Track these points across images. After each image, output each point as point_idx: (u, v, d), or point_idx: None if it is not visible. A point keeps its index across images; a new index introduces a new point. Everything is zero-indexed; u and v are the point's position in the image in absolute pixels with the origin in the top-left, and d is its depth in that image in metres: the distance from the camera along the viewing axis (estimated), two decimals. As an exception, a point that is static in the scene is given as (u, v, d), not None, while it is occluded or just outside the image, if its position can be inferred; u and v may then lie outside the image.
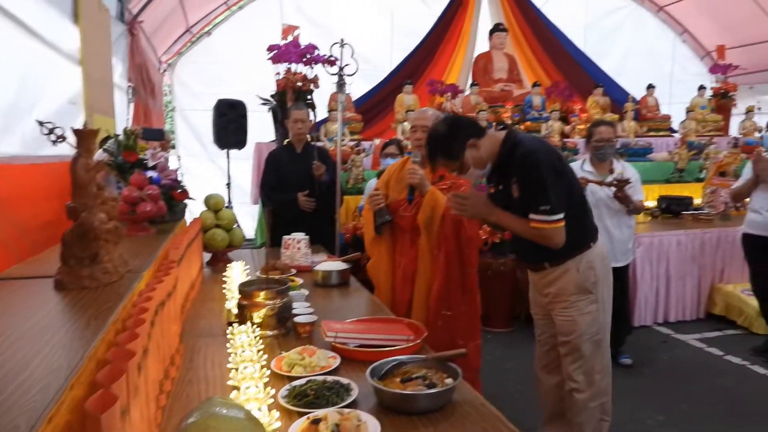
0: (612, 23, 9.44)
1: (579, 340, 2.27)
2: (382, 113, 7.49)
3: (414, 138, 2.75)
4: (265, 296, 1.96)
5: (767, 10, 8.91)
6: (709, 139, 6.64)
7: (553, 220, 2.09)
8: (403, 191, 2.73)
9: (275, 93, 5.41)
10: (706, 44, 9.87)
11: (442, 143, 2.19)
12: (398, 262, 2.79)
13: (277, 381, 1.59)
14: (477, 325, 2.79)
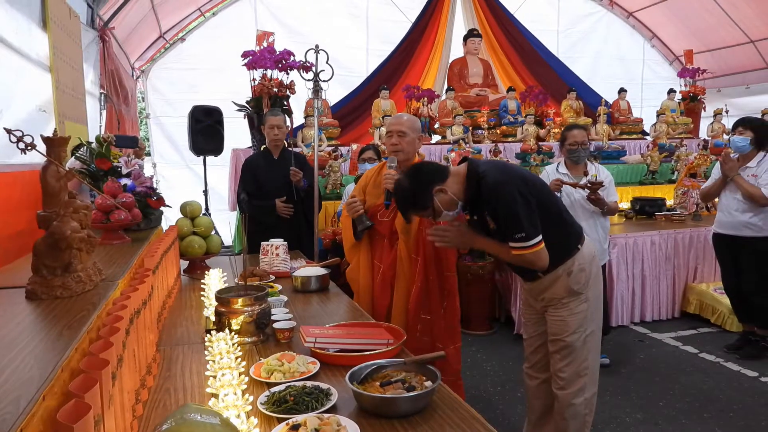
0: (584, 29, 9.62)
1: (569, 338, 2.31)
2: (360, 118, 7.50)
3: (389, 143, 2.75)
4: (243, 303, 1.95)
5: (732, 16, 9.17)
6: (680, 141, 6.79)
7: (531, 245, 2.12)
8: (380, 196, 2.74)
9: (251, 99, 5.38)
10: (674, 49, 10.11)
11: (409, 197, 2.20)
12: (377, 267, 2.79)
13: (256, 388, 1.58)
14: (457, 328, 2.81)
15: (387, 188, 2.65)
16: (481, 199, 2.18)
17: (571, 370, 2.32)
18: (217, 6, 7.68)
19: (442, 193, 2.16)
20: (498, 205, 2.13)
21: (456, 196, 2.18)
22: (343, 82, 7.34)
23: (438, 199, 2.16)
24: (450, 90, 7.24)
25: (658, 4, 9.65)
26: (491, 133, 7.00)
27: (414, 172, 2.23)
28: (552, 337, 2.36)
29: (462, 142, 5.82)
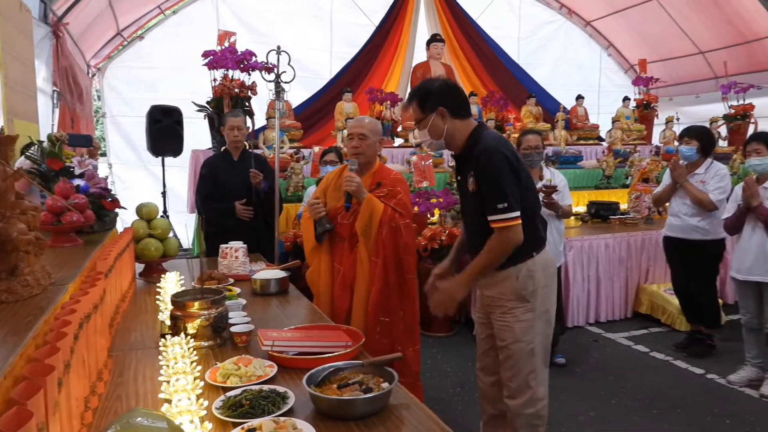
0: (544, 36, 9.84)
1: (514, 347, 2.26)
2: (322, 121, 7.48)
3: (350, 146, 2.76)
4: (200, 306, 1.92)
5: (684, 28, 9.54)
6: (634, 147, 7.01)
7: (511, 217, 2.11)
8: (341, 199, 2.74)
9: (212, 99, 5.30)
10: (629, 58, 10.45)
11: (423, 91, 2.27)
12: (337, 269, 2.79)
13: (211, 392, 1.56)
14: (416, 330, 2.83)
15: (347, 191, 2.67)
16: (471, 160, 2.19)
17: (518, 380, 2.28)
18: (177, 4, 7.53)
19: (440, 118, 2.21)
20: (487, 169, 2.13)
21: (449, 136, 2.23)
22: (306, 84, 7.31)
23: (434, 119, 2.21)
24: (413, 94, 7.28)
25: (614, 14, 9.96)
26: (453, 137, 7.08)
27: (447, 85, 2.28)
28: (499, 343, 2.32)
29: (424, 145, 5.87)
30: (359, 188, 2.66)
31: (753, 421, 3.18)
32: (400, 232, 2.68)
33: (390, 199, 2.72)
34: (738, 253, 3.57)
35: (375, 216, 2.65)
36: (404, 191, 2.79)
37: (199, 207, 4.11)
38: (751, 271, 3.44)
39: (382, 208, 2.67)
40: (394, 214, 2.69)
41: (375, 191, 2.73)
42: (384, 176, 2.80)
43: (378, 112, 6.84)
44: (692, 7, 9.21)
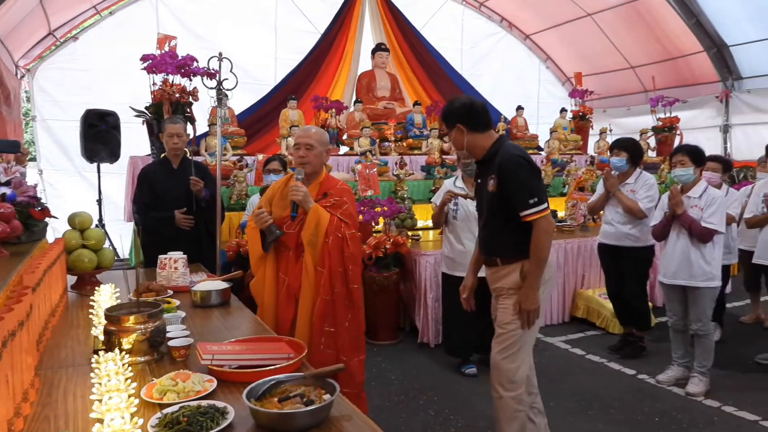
0: (485, 48, 10.12)
1: (507, 326, 2.55)
2: (267, 128, 7.40)
3: (297, 155, 2.75)
4: (135, 320, 1.86)
5: (616, 44, 10.03)
6: (570, 157, 7.30)
7: (542, 209, 2.40)
8: (287, 208, 2.73)
9: (151, 105, 5.15)
10: (566, 71, 10.89)
11: (445, 110, 2.62)
12: (282, 279, 2.77)
13: (147, 410, 1.51)
14: (361, 341, 2.83)
15: (293, 200, 2.66)
16: (493, 164, 2.48)
17: (503, 360, 2.55)
18: (114, 5, 7.29)
19: (459, 133, 2.55)
20: (512, 172, 2.42)
21: (470, 147, 2.56)
22: (251, 91, 7.23)
23: (454, 133, 2.57)
24: (358, 102, 7.33)
25: (551, 28, 10.37)
26: (398, 145, 7.16)
27: (464, 105, 2.57)
28: (496, 324, 2.63)
29: (369, 154, 5.91)
30: (306, 197, 2.65)
31: (680, 418, 3.36)
32: (346, 242, 2.69)
33: (336, 209, 2.72)
34: (664, 259, 3.77)
35: (321, 225, 2.65)
36: (350, 201, 2.80)
37: (137, 216, 3.98)
38: (676, 276, 3.64)
39: (329, 217, 2.67)
40: (340, 224, 2.69)
41: (321, 201, 2.73)
42: (330, 186, 2.81)
43: (323, 119, 6.84)
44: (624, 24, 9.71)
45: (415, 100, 7.98)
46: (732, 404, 3.50)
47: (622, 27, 9.77)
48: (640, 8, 9.30)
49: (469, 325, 4.03)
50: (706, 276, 3.54)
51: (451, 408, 3.53)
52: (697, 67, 9.76)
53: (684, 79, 9.98)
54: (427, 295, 4.62)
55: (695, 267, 3.54)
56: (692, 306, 3.63)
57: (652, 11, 9.25)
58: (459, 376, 4.05)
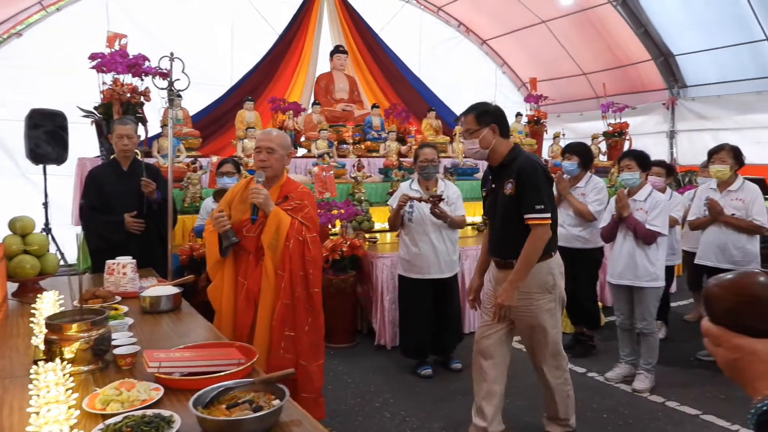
0: (443, 52, 10.25)
1: (546, 332, 2.82)
2: (222, 129, 7.29)
3: (258, 159, 2.72)
4: (78, 328, 1.80)
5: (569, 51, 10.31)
6: (525, 160, 7.44)
7: (545, 217, 2.62)
8: (246, 211, 2.70)
9: (100, 105, 4.99)
10: (522, 76, 11.13)
11: (482, 108, 2.77)
12: (241, 283, 2.73)
13: (89, 421, 1.47)
14: (320, 346, 2.83)
15: (254, 203, 2.63)
16: (510, 169, 2.69)
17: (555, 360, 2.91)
18: (61, 1, 7.04)
19: (491, 133, 2.71)
20: (529, 177, 2.63)
21: (492, 149, 2.73)
22: (206, 92, 7.10)
23: (486, 133, 2.70)
24: (316, 104, 7.30)
25: (507, 34, 10.58)
26: (356, 147, 7.16)
27: (499, 109, 2.80)
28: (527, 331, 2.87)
29: (327, 156, 5.89)
30: (266, 200, 2.63)
31: (626, 414, 3.48)
32: (307, 246, 2.68)
33: (297, 212, 2.71)
34: (611, 260, 3.90)
35: (282, 229, 2.63)
36: (311, 205, 2.80)
37: (85, 220, 3.84)
38: (623, 276, 3.78)
39: (289, 221, 2.66)
40: (301, 228, 2.68)
41: (282, 204, 2.71)
42: (291, 189, 2.79)
43: (280, 121, 6.78)
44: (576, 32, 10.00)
45: (373, 102, 8.01)
46: (675, 399, 3.64)
47: (575, 34, 10.07)
48: (592, 17, 9.60)
49: (426, 327, 4.08)
50: (650, 276, 3.68)
51: (406, 410, 3.55)
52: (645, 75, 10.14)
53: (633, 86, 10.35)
54: (384, 298, 4.64)
55: (640, 267, 3.68)
56: (637, 305, 3.77)
57: (603, 20, 9.57)
58: (415, 377, 4.08)
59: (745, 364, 0.79)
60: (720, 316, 0.83)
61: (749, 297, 0.79)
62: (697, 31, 9.06)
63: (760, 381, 0.78)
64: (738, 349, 0.80)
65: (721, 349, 0.82)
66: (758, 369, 0.78)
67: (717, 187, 4.13)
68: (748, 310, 0.79)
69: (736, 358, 0.80)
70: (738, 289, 0.81)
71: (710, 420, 3.36)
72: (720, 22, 8.62)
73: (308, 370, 2.69)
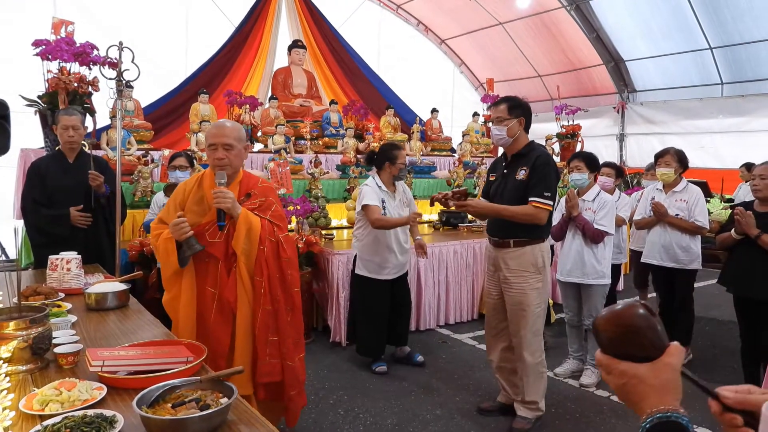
0: (402, 50, 10.29)
1: (529, 309, 3.07)
2: (176, 122, 7.12)
3: (215, 157, 2.48)
4: (16, 326, 1.73)
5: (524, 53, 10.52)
6: (481, 159, 7.57)
7: (549, 203, 2.95)
8: (205, 213, 2.51)
9: (44, 94, 4.79)
10: (479, 76, 11.29)
11: (516, 101, 3.09)
12: (211, 294, 2.52)
13: (26, 422, 1.42)
14: (301, 339, 2.74)
15: (220, 208, 2.40)
16: (527, 158, 3.02)
17: (529, 336, 3.12)
18: (4, -16, 6.73)
19: (519, 127, 3.05)
20: (543, 167, 2.96)
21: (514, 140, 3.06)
22: (160, 83, 6.91)
23: (514, 123, 3.03)
24: (273, 99, 7.21)
25: (465, 35, 10.71)
26: (313, 144, 7.12)
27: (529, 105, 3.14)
28: (514, 307, 3.11)
29: (283, 152, 5.83)
30: (233, 204, 2.41)
31: (573, 408, 3.58)
32: (282, 246, 2.54)
33: (265, 211, 2.56)
34: (561, 258, 4.01)
35: (254, 232, 2.46)
36: (276, 200, 2.65)
37: (27, 214, 3.69)
38: (571, 273, 3.89)
39: (260, 222, 2.49)
40: (272, 228, 2.53)
41: (246, 203, 2.54)
42: (252, 185, 2.61)
43: (236, 115, 6.68)
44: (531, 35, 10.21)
45: (331, 98, 7.97)
46: (619, 393, 3.77)
47: (531, 37, 10.28)
48: (547, 20, 9.83)
49: (384, 325, 4.10)
50: (597, 274, 3.80)
51: (360, 406, 3.56)
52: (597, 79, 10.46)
53: (585, 90, 10.66)
54: (339, 295, 4.63)
55: (588, 265, 3.79)
56: (585, 302, 3.89)
57: (558, 24, 9.80)
58: (369, 374, 4.09)
59: (631, 388, 0.87)
60: (607, 346, 0.90)
61: (629, 327, 0.87)
62: (646, 38, 9.41)
63: (644, 401, 0.85)
64: (624, 374, 0.87)
65: (611, 376, 0.90)
66: (642, 390, 0.85)
67: (663, 189, 4.29)
68: (629, 339, 0.87)
69: (623, 383, 0.88)
70: (619, 320, 0.88)
71: (652, 412, 3.50)
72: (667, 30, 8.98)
73: (294, 368, 2.61)
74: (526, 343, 3.13)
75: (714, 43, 8.76)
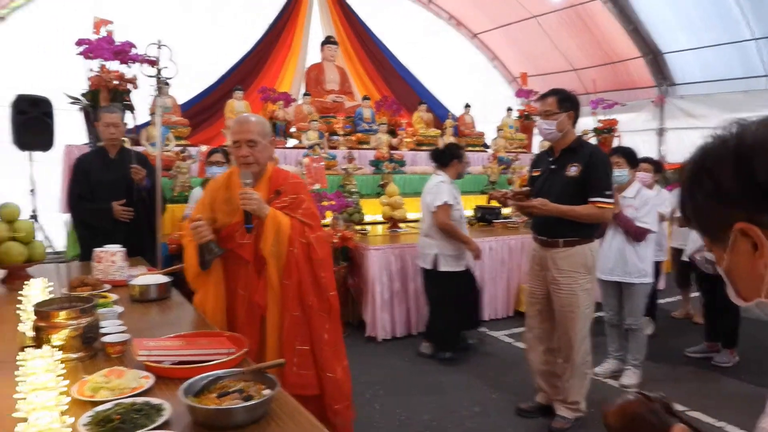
0: (434, 45, 10.22)
1: (578, 311, 2.99)
2: (212, 118, 7.24)
3: (239, 155, 2.35)
4: (67, 316, 1.77)
5: (559, 46, 10.33)
6: (516, 155, 7.47)
7: (610, 202, 2.91)
8: (234, 213, 2.37)
9: (87, 91, 4.91)
10: (512, 70, 11.13)
11: (565, 94, 3.01)
12: (243, 297, 2.41)
13: (78, 408, 1.45)
14: (341, 347, 2.53)
15: (246, 209, 2.29)
16: (577, 154, 2.95)
17: (577, 338, 3.04)
18: (47, -15, 6.93)
19: (567, 120, 2.97)
20: (600, 164, 2.93)
21: (563, 134, 2.98)
22: (197, 80, 7.02)
23: (564, 117, 2.94)
24: (306, 95, 7.25)
25: (498, 28, 10.57)
26: (346, 139, 7.14)
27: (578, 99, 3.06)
28: (564, 309, 3.03)
29: (317, 147, 5.86)
30: (260, 205, 2.28)
31: (613, 407, 3.50)
32: (313, 248, 2.37)
33: (295, 209, 2.39)
34: (601, 256, 3.90)
35: (282, 233, 2.31)
36: (308, 197, 2.49)
37: (72, 208, 3.79)
38: (613, 272, 3.79)
39: (289, 223, 2.33)
40: (302, 228, 2.37)
41: (275, 201, 2.39)
42: (281, 181, 2.45)
43: (270, 111, 6.73)
44: (566, 28, 10.01)
45: (364, 94, 7.97)
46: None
47: (565, 30, 10.08)
48: (582, 13, 9.62)
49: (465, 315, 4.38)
50: (639, 273, 3.71)
51: (395, 402, 3.56)
52: (635, 72, 10.19)
53: (623, 83, 10.40)
54: (375, 290, 4.63)
55: (630, 264, 3.70)
56: (626, 301, 3.79)
57: (593, 16, 9.59)
58: (405, 370, 4.08)
59: None
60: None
61: (633, 415, 0.97)
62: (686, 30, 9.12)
63: None
64: None
65: None
66: None
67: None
68: (636, 426, 0.96)
69: None
70: (623, 412, 0.98)
71: (697, 416, 3.39)
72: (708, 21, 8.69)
73: (335, 380, 2.38)
74: (575, 345, 3.06)
75: (758, 34, 8.43)
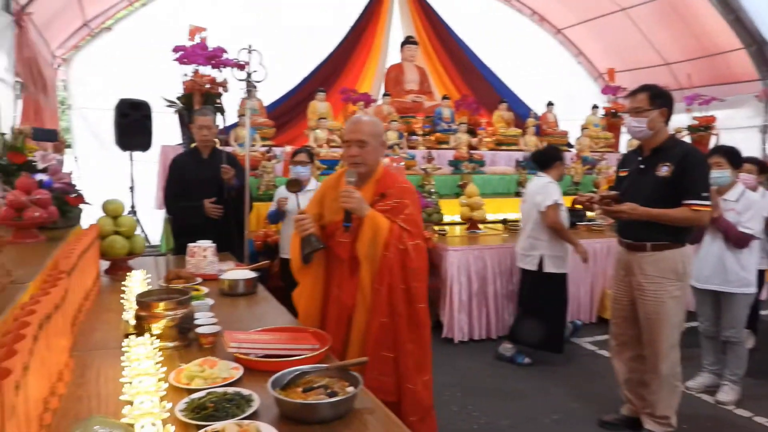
0: (516, 42, 9.96)
1: (665, 319, 2.84)
2: (295, 119, 7.45)
3: (348, 154, 2.36)
4: (165, 307, 1.89)
5: (650, 39, 9.80)
6: (601, 155, 7.16)
7: (708, 204, 2.74)
8: (338, 211, 2.33)
9: (182, 95, 5.22)
10: (598, 66, 10.67)
11: (657, 89, 2.86)
12: (335, 294, 2.40)
13: (175, 394, 1.54)
14: (426, 361, 2.40)
15: (345, 207, 2.25)
16: (669, 154, 2.78)
17: (666, 347, 2.89)
18: (147, -4, 7.41)
19: (659, 117, 2.81)
20: (697, 166, 2.76)
21: (654, 132, 2.81)
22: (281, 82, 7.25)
23: (655, 115, 2.79)
24: (386, 95, 7.31)
25: (583, 23, 10.17)
26: (425, 139, 7.12)
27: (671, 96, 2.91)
28: (652, 316, 2.88)
29: (396, 147, 5.90)
30: (359, 204, 2.25)
31: (709, 426, 3.29)
32: (409, 255, 2.27)
33: (397, 214, 2.32)
34: (697, 263, 3.66)
35: (379, 236, 2.25)
36: (413, 204, 2.40)
37: (168, 205, 4.05)
38: (709, 280, 3.55)
39: (388, 226, 2.26)
40: (401, 234, 2.28)
41: (378, 204, 2.34)
42: (389, 185, 2.39)
43: (351, 112, 6.85)
44: (659, 20, 9.47)
45: (443, 93, 7.93)
46: (764, 415, 3.41)
47: (657, 22, 9.54)
48: (677, 3, 9.06)
49: None
50: (741, 282, 3.44)
51: (473, 405, 3.52)
52: (736, 65, 9.46)
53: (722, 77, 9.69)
54: (453, 290, 4.60)
55: (730, 272, 3.44)
56: (726, 312, 3.54)
57: (689, 6, 9.00)
58: (483, 372, 4.03)
59: None
60: None
61: None
62: (798, 18, 8.38)
63: None
64: None
65: None
66: None
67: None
68: None
69: None
70: None
71: (802, 437, 3.13)
72: (825, 8, 7.93)
73: (414, 392, 2.28)
74: (661, 356, 2.91)
75: None
